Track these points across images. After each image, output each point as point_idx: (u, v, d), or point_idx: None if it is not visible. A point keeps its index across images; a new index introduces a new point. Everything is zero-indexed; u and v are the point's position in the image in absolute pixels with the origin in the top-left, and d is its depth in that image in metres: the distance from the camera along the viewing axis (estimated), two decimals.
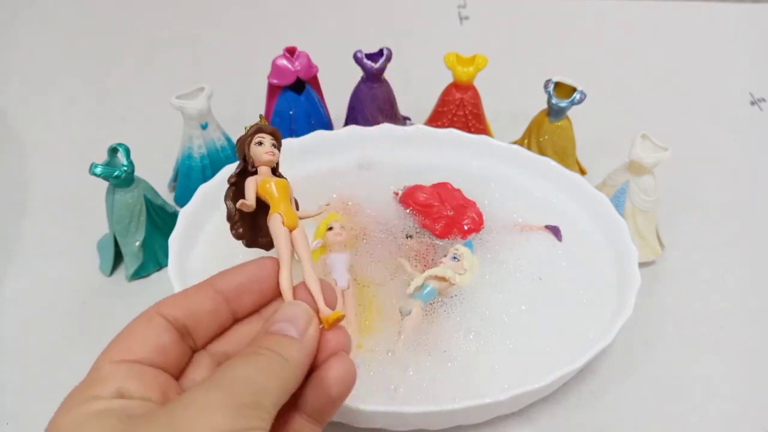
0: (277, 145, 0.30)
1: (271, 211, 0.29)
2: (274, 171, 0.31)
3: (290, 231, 0.29)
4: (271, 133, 0.30)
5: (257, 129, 0.30)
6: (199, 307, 0.26)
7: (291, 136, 0.50)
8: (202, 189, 0.43)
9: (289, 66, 0.49)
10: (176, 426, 0.20)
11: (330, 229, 0.40)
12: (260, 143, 0.30)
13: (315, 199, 0.46)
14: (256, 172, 0.30)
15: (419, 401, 0.34)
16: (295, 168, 0.47)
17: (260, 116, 0.32)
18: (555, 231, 0.42)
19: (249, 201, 0.29)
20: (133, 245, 0.43)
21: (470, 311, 0.39)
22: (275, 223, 0.29)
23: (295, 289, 0.28)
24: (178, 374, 0.26)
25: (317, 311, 0.27)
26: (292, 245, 0.28)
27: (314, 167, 0.48)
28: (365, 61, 0.49)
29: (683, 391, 0.39)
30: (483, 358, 0.36)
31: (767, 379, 0.40)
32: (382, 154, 0.49)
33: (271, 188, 0.29)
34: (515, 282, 0.41)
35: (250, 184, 0.29)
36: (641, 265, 0.40)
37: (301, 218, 0.30)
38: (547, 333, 0.38)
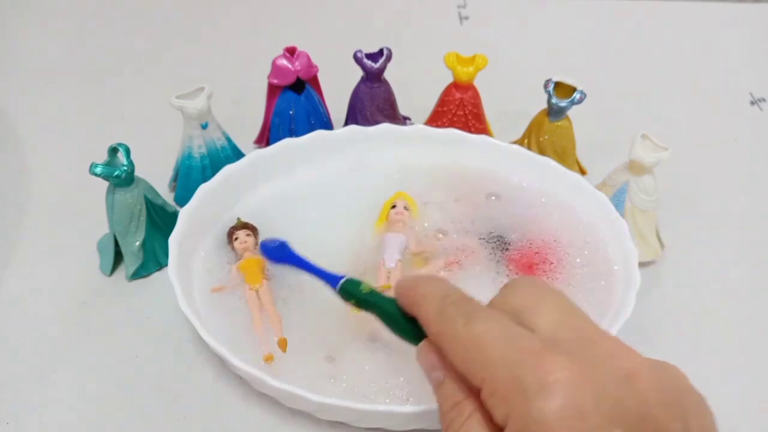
0: (251, 233, 0.42)
1: (245, 280, 0.41)
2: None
3: (256, 289, 0.40)
4: (242, 228, 0.42)
5: (231, 231, 0.43)
6: None
7: (291, 136, 0.50)
8: (202, 189, 0.43)
9: (289, 66, 0.49)
10: None
11: (393, 207, 0.44)
12: (236, 239, 0.42)
13: (316, 198, 0.46)
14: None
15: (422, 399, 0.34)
16: (295, 168, 0.48)
17: (237, 219, 0.43)
18: None
19: (228, 285, 0.41)
20: (133, 245, 0.43)
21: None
22: (246, 291, 0.40)
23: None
24: None
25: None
26: (259, 298, 0.40)
27: (314, 167, 0.48)
28: (365, 61, 0.49)
29: None
30: None
31: (767, 379, 0.40)
32: (381, 154, 0.49)
33: (243, 270, 0.41)
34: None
35: (233, 271, 0.41)
36: (641, 265, 0.40)
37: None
38: None
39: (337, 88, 0.53)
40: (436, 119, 0.52)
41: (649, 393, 0.22)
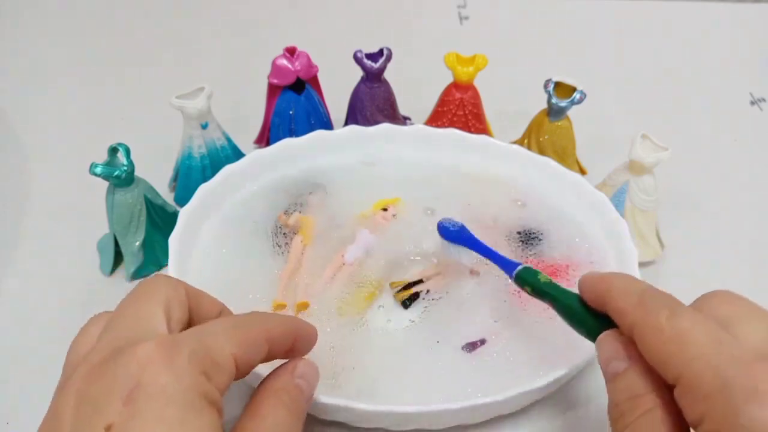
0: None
1: (300, 231, 0.43)
2: None
3: (305, 245, 0.42)
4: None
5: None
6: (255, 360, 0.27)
7: (291, 136, 0.50)
8: (202, 189, 0.43)
9: (289, 66, 0.49)
10: None
11: (384, 209, 0.44)
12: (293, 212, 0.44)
13: (315, 200, 0.46)
14: None
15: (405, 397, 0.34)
16: (295, 168, 0.48)
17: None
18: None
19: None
20: (133, 245, 0.43)
21: (470, 311, 0.39)
22: (295, 239, 0.42)
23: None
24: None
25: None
26: (303, 253, 0.41)
27: (314, 167, 0.48)
28: (365, 61, 0.49)
29: None
30: (482, 357, 0.36)
31: None
32: (382, 154, 0.49)
33: (304, 222, 0.43)
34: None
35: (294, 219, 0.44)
36: (641, 265, 0.40)
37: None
38: (548, 333, 0.38)
39: (337, 88, 0.53)
40: (436, 119, 0.52)
41: None
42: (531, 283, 0.33)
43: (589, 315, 0.29)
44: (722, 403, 0.21)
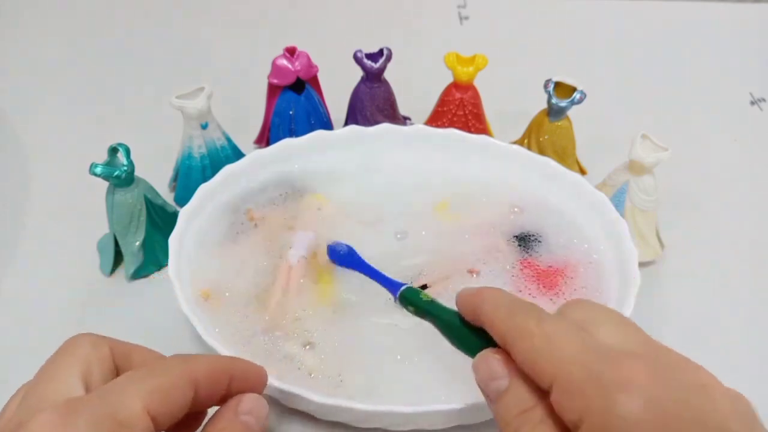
0: None
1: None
2: None
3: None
4: None
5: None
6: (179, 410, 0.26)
7: (291, 136, 0.50)
8: (202, 189, 0.43)
9: (289, 66, 0.49)
10: None
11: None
12: None
13: (316, 199, 0.46)
14: None
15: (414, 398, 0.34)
16: (295, 168, 0.48)
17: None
18: None
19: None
20: (133, 245, 0.43)
21: None
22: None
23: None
24: None
25: None
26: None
27: (314, 167, 0.48)
28: (365, 61, 0.49)
29: None
30: None
31: (767, 379, 0.40)
32: (382, 154, 0.49)
33: None
34: (515, 281, 0.41)
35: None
36: (641, 265, 0.40)
37: None
38: None
39: (337, 88, 0.53)
40: (436, 119, 0.52)
41: (726, 407, 0.22)
42: (413, 302, 0.33)
43: (469, 332, 0.29)
44: (597, 397, 0.21)
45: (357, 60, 0.49)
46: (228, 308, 0.39)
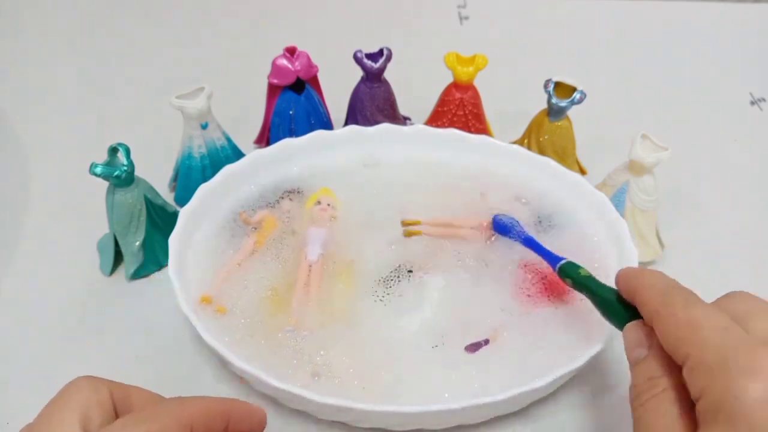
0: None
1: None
2: None
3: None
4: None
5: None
6: None
7: (291, 136, 0.50)
8: (202, 189, 0.43)
9: (289, 66, 0.49)
10: None
11: (318, 203, 0.45)
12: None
13: (287, 205, 0.46)
14: None
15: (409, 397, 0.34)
16: (295, 168, 0.48)
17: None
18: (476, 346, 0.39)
19: None
20: (133, 245, 0.43)
21: (474, 312, 0.39)
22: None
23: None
24: None
25: None
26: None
27: (314, 167, 0.48)
28: (365, 61, 0.49)
29: None
30: (482, 357, 0.36)
31: None
32: (382, 154, 0.49)
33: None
34: (516, 281, 0.41)
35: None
36: (641, 265, 0.40)
37: None
38: (548, 332, 0.38)
39: (337, 88, 0.53)
40: (436, 119, 0.52)
41: None
42: (572, 276, 0.36)
43: (620, 306, 0.32)
44: (720, 377, 0.23)
45: (357, 60, 0.49)
46: (233, 309, 0.39)
